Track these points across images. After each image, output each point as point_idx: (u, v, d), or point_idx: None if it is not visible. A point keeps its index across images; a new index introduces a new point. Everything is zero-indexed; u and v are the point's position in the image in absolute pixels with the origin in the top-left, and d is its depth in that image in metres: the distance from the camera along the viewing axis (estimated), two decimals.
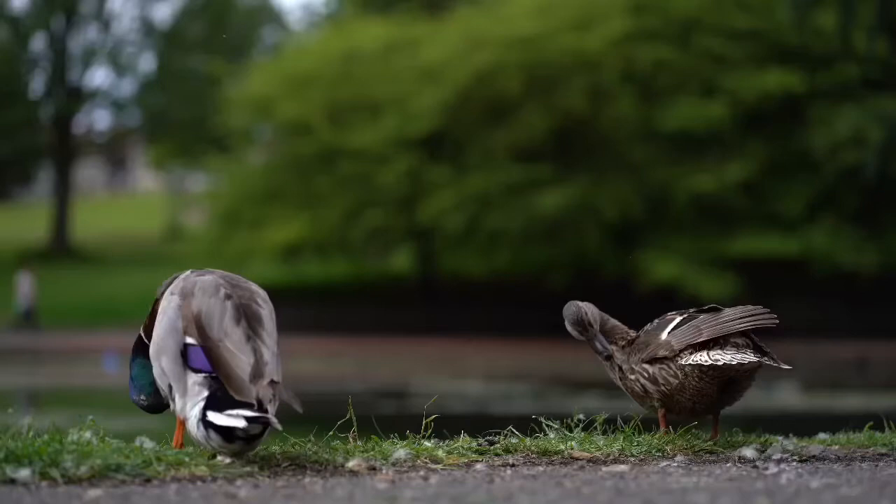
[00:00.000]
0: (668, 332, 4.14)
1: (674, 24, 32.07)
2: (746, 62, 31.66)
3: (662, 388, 4.13)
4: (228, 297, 3.66)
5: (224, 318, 3.61)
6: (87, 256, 45.55)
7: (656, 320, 4.27)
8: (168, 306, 3.68)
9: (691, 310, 4.25)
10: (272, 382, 3.53)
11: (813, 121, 31.04)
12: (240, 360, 3.53)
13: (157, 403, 3.87)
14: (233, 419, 3.45)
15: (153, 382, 3.83)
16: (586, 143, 32.36)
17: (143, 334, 3.87)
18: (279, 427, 3.46)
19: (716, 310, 4.20)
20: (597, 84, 31.41)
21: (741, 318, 4.08)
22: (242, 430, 3.45)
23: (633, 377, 4.20)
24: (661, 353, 4.12)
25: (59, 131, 47.85)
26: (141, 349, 3.89)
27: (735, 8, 32.14)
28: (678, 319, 4.18)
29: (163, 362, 3.64)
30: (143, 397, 3.89)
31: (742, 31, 31.83)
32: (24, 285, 34.28)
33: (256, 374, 3.52)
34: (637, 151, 31.68)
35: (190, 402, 3.57)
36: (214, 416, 3.48)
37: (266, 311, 3.71)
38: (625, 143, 31.87)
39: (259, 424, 3.45)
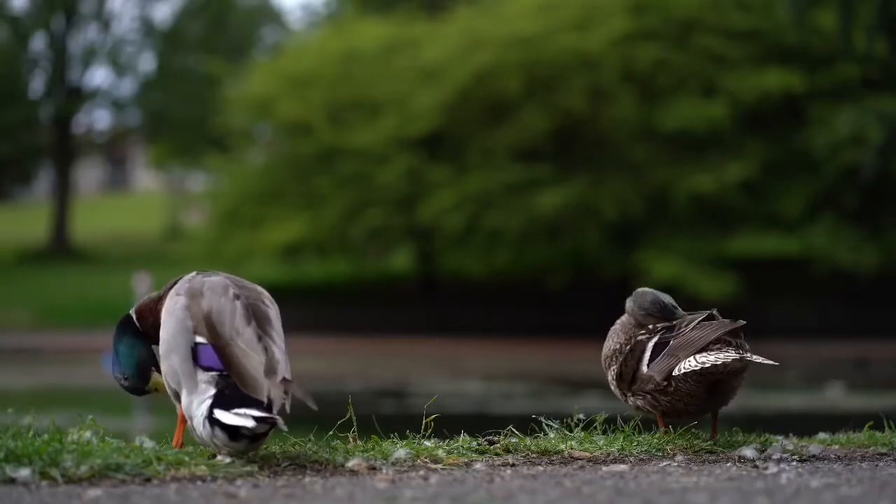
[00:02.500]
0: (647, 366, 4.17)
1: (674, 24, 32.06)
2: (746, 62, 31.64)
3: (661, 403, 4.19)
4: (237, 297, 3.68)
5: (235, 317, 3.62)
6: (87, 256, 45.55)
7: (628, 346, 4.26)
8: (175, 307, 3.68)
9: (659, 326, 4.24)
10: (284, 380, 3.54)
11: (813, 121, 31.02)
12: (252, 358, 3.54)
13: (136, 387, 3.89)
14: (241, 418, 3.46)
15: (138, 364, 3.85)
16: (586, 143, 32.36)
17: (134, 316, 3.88)
18: (285, 428, 3.47)
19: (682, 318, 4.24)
20: (597, 84, 31.40)
21: (713, 332, 4.11)
22: (249, 429, 3.45)
23: (631, 400, 4.26)
24: (649, 387, 4.16)
25: (59, 131, 47.84)
26: (130, 329, 3.89)
27: (735, 8, 32.12)
28: (651, 346, 4.20)
29: (173, 361, 3.64)
30: (124, 377, 3.90)
31: (742, 31, 31.81)
32: (142, 286, 34.17)
33: (269, 371, 3.53)
34: (637, 151, 31.66)
35: (196, 401, 3.57)
36: (222, 415, 3.48)
37: (273, 311, 3.73)
38: (625, 143, 31.86)
39: (266, 424, 3.45)
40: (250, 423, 3.44)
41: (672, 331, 4.20)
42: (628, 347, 4.25)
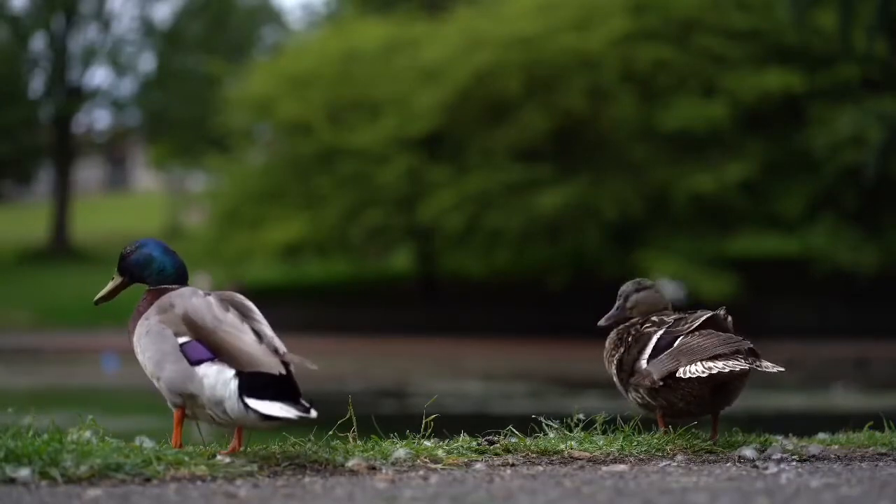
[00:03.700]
0: (648, 358, 4.16)
1: (674, 24, 32.06)
2: (746, 62, 31.64)
3: (657, 401, 4.18)
4: (208, 294, 3.73)
5: (212, 308, 3.67)
6: (87, 256, 45.56)
7: (634, 330, 4.27)
8: (149, 325, 3.71)
9: (669, 319, 4.24)
10: (282, 355, 3.59)
11: (813, 121, 31.02)
12: (241, 338, 3.57)
13: (130, 263, 3.95)
14: (282, 411, 3.50)
15: (171, 266, 3.91)
16: (586, 143, 32.35)
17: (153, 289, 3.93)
18: (315, 416, 3.50)
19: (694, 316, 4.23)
20: (597, 84, 31.40)
21: (718, 346, 4.09)
22: (289, 419, 3.50)
23: (634, 392, 4.25)
24: (646, 384, 4.15)
25: (59, 131, 47.84)
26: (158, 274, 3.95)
27: (735, 7, 32.11)
28: (655, 339, 4.19)
29: (168, 371, 3.64)
30: (142, 258, 3.94)
31: (742, 31, 31.81)
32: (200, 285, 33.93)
33: (268, 347, 3.60)
34: (637, 151, 31.66)
35: (218, 385, 3.57)
36: (257, 404, 3.52)
37: (250, 303, 3.78)
38: (625, 143, 31.85)
39: (305, 420, 3.51)
40: (292, 416, 3.49)
41: (678, 325, 4.20)
42: (631, 338, 4.26)
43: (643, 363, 4.17)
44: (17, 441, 3.51)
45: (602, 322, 4.43)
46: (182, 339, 3.63)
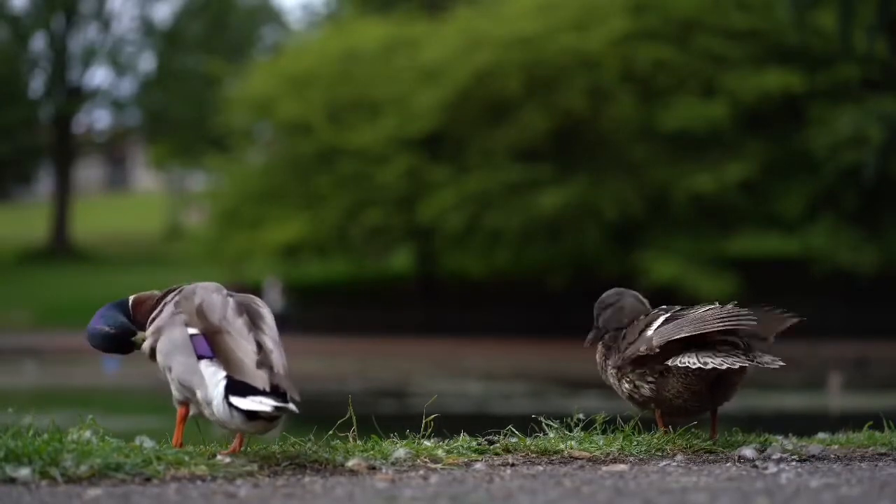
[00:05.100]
0: (653, 331, 4.14)
1: (674, 24, 32.06)
2: (746, 62, 31.65)
3: (651, 390, 4.13)
4: (230, 295, 3.74)
5: (226, 309, 3.67)
6: (87, 256, 45.55)
7: (642, 316, 4.27)
8: (168, 309, 3.73)
9: (677, 307, 4.24)
10: (276, 376, 3.56)
11: (813, 121, 31.02)
12: (242, 345, 3.58)
13: (122, 335, 3.86)
14: (259, 405, 3.48)
15: (122, 324, 3.86)
16: (586, 143, 32.36)
17: (131, 301, 3.91)
18: (297, 411, 3.49)
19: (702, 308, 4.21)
20: (597, 84, 31.40)
21: (721, 318, 4.07)
22: (267, 412, 3.48)
23: (627, 384, 4.21)
24: (643, 348, 4.10)
25: (59, 131, 47.85)
26: (121, 308, 3.92)
27: (734, 8, 32.13)
28: (662, 318, 4.17)
29: (178, 361, 3.65)
30: (110, 327, 3.88)
31: (742, 31, 31.82)
32: (272, 292, 33.99)
33: (263, 361, 3.56)
34: (637, 151, 31.67)
35: (210, 385, 3.58)
36: (239, 401, 3.50)
37: (266, 311, 3.77)
38: (625, 143, 31.86)
39: (282, 411, 3.48)
40: (268, 409, 3.47)
41: (685, 310, 4.19)
42: (641, 318, 4.24)
43: (648, 333, 4.14)
44: (17, 441, 3.50)
45: (586, 344, 4.39)
46: (192, 331, 3.65)
